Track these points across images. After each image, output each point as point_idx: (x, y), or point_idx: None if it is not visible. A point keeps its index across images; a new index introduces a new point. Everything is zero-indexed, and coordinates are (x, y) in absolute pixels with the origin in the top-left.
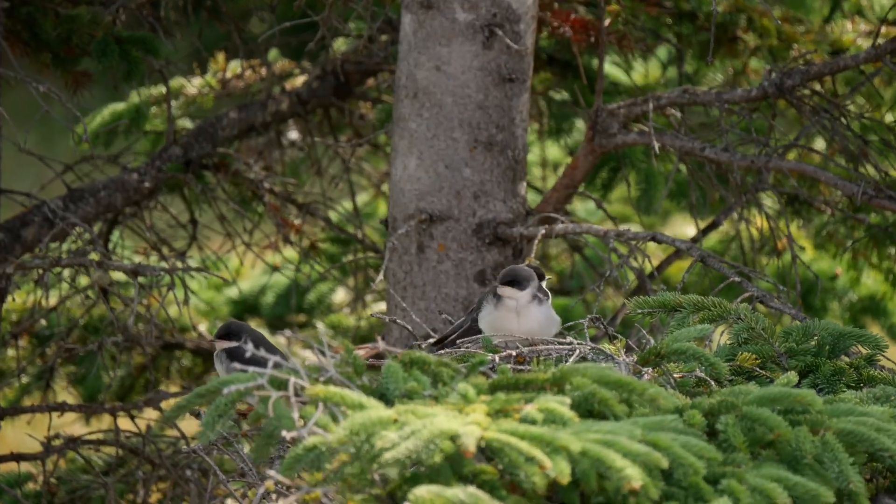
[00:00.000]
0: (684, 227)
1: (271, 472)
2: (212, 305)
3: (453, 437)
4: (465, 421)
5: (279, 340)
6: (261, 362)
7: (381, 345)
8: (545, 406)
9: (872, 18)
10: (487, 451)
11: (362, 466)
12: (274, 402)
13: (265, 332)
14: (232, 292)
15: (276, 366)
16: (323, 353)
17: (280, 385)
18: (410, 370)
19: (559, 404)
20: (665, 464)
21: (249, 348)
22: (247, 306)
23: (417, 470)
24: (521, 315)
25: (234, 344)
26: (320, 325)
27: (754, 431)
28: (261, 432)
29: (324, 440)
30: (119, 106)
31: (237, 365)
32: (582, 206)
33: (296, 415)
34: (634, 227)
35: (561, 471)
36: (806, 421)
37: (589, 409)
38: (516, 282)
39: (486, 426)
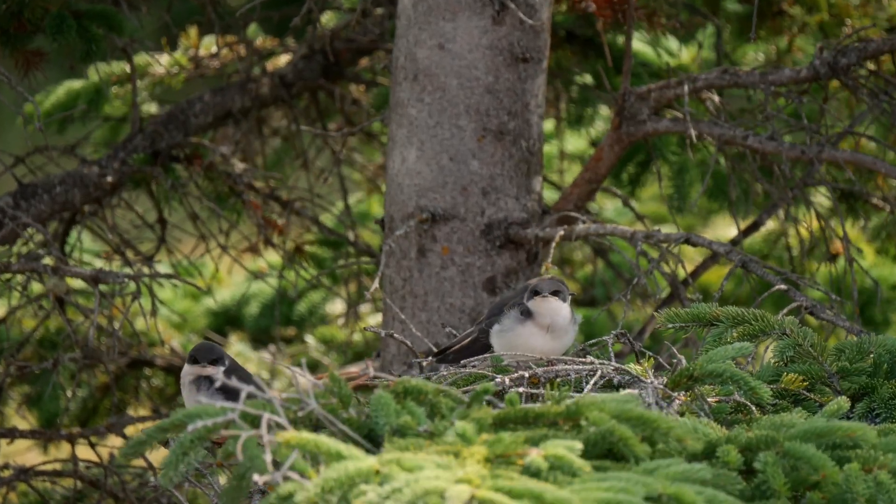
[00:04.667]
0: (728, 229)
1: None
2: (185, 317)
3: (441, 495)
4: (455, 476)
5: (263, 357)
6: (232, 395)
7: (370, 370)
8: (552, 452)
9: None
10: None
11: None
12: (244, 442)
13: (248, 348)
14: (211, 302)
15: (251, 397)
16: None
17: (253, 421)
18: (404, 402)
19: (568, 450)
20: None
21: (220, 376)
22: (228, 318)
23: None
24: (554, 333)
25: (212, 371)
26: (310, 341)
27: (797, 471)
28: (233, 471)
29: (300, 486)
30: (76, 84)
31: (203, 398)
32: (611, 205)
33: (268, 457)
34: (668, 229)
35: None
36: (857, 457)
37: (607, 448)
38: (560, 292)
39: (478, 483)
